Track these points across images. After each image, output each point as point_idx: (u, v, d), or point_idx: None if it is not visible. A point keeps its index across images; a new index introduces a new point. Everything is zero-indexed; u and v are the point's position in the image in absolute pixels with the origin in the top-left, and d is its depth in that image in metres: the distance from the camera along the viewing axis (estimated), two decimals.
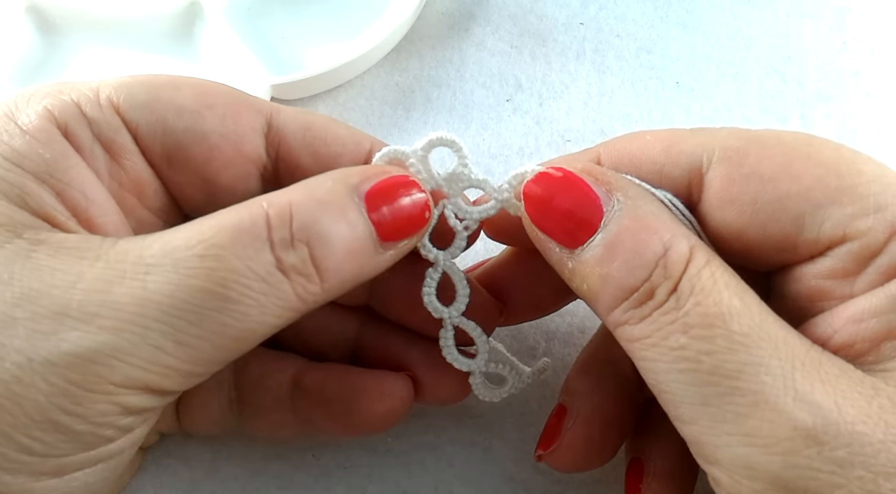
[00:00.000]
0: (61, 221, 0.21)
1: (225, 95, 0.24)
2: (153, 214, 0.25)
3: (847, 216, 0.21)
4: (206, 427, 0.28)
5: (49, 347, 0.19)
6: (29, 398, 0.19)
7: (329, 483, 0.29)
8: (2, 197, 0.21)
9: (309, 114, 0.25)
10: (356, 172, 0.23)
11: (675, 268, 0.21)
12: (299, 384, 0.27)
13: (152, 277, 0.20)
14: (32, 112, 0.22)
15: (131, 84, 0.24)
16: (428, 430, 0.30)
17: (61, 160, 0.22)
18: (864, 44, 0.38)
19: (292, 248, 0.21)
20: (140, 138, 0.24)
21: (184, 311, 0.20)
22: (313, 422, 0.27)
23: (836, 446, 0.18)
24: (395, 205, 0.23)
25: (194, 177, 0.24)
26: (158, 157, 0.24)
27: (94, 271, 0.20)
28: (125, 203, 0.24)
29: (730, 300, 0.20)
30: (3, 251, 0.20)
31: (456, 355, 0.26)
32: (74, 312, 0.20)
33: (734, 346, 0.19)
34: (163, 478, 0.29)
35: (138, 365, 0.20)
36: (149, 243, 0.21)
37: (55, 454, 0.20)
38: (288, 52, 0.37)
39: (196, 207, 0.25)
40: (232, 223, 0.21)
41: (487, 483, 0.29)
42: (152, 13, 0.37)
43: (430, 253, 0.25)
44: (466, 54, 0.37)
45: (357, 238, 0.22)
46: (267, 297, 0.21)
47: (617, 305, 0.21)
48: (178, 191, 0.25)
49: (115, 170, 0.23)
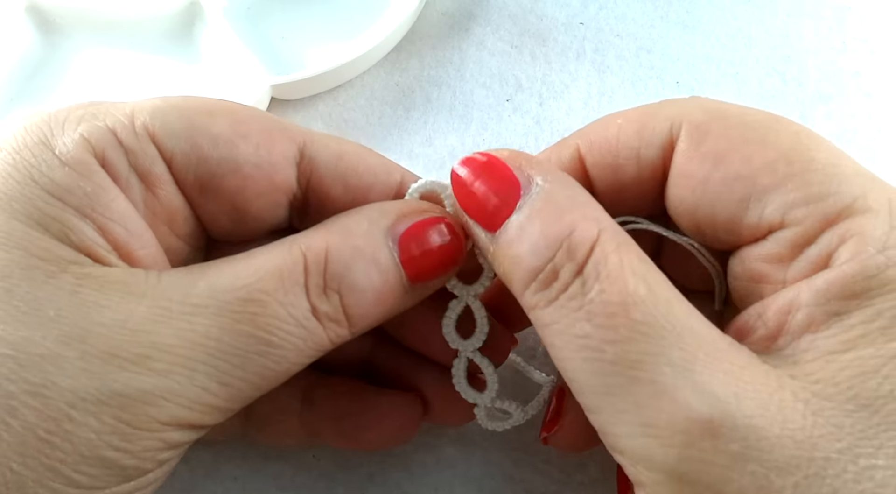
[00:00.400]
0: (102, 255, 0.21)
1: (259, 122, 0.24)
2: (182, 240, 0.25)
3: (787, 203, 0.21)
4: (212, 435, 0.28)
5: (101, 387, 0.19)
6: (80, 435, 0.19)
7: (329, 484, 0.29)
8: (44, 232, 0.21)
9: (341, 142, 0.25)
10: (392, 211, 0.23)
11: (579, 250, 0.20)
12: (309, 398, 0.27)
13: (198, 318, 0.21)
14: (70, 141, 0.22)
15: (166, 110, 0.23)
16: (428, 430, 0.30)
17: (102, 194, 0.22)
18: (864, 44, 0.37)
19: (325, 296, 0.22)
20: (174, 167, 0.23)
21: (229, 354, 0.21)
22: (320, 435, 0.27)
23: (731, 439, 0.18)
24: (428, 247, 0.23)
25: (225, 205, 0.24)
26: (191, 185, 0.24)
27: (141, 310, 0.20)
28: (157, 231, 0.24)
29: (635, 288, 0.20)
30: (47, 287, 0.20)
31: (465, 386, 0.26)
32: (124, 352, 0.20)
33: (636, 335, 0.19)
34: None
35: (185, 405, 0.20)
36: (194, 282, 0.21)
37: (98, 486, 0.20)
38: (288, 52, 0.37)
39: (223, 232, 0.25)
40: (275, 267, 0.22)
41: (488, 484, 0.29)
42: (152, 13, 0.37)
43: (455, 288, 0.25)
44: (466, 54, 0.37)
45: (387, 285, 0.23)
46: (304, 342, 0.22)
47: (525, 287, 0.21)
48: (207, 218, 0.25)
49: (149, 199, 0.23)
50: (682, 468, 0.18)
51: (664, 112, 0.23)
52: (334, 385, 0.27)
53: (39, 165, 0.21)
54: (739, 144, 0.22)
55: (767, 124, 0.22)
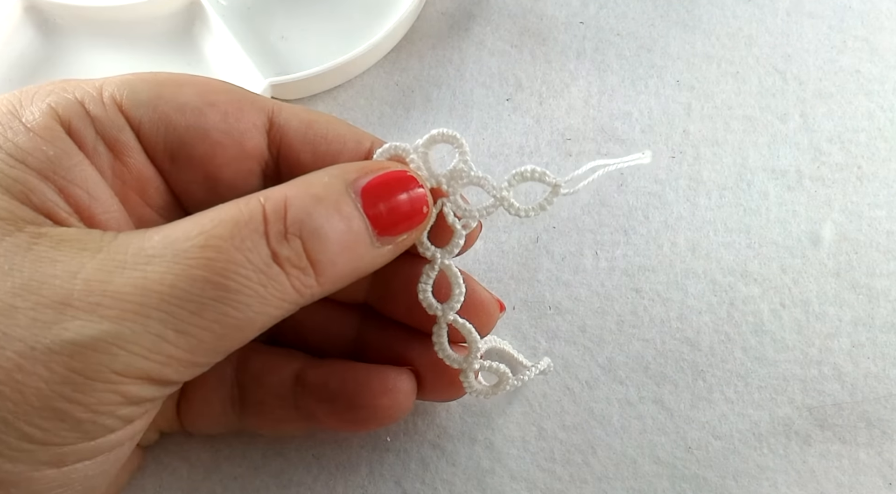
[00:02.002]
0: (63, 217, 0.22)
1: (227, 93, 0.25)
2: (155, 211, 0.25)
3: None
4: (208, 426, 0.28)
5: (51, 336, 0.19)
6: (30, 385, 0.19)
7: (329, 482, 0.29)
8: (4, 193, 0.21)
9: (310, 112, 0.26)
10: (354, 168, 0.24)
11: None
12: (302, 381, 0.27)
13: (153, 267, 0.20)
14: (37, 109, 0.22)
15: (134, 82, 0.24)
16: (429, 428, 0.30)
17: (65, 158, 0.22)
18: (865, 43, 0.37)
19: (286, 241, 0.21)
20: (143, 136, 0.24)
21: (184, 300, 0.20)
22: (316, 418, 0.27)
23: None
24: (393, 200, 0.23)
25: (197, 174, 0.24)
26: (161, 154, 0.24)
27: (94, 262, 0.20)
28: (128, 201, 0.24)
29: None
30: (3, 243, 0.20)
31: (448, 351, 0.26)
32: (76, 301, 0.20)
33: None
34: (163, 477, 0.29)
35: (140, 354, 0.20)
36: (149, 236, 0.21)
37: (55, 442, 0.20)
38: (288, 52, 0.37)
39: (198, 203, 0.25)
40: (231, 216, 0.21)
41: (488, 482, 0.29)
42: (152, 13, 0.37)
43: (427, 251, 0.25)
44: (466, 54, 0.37)
45: (352, 232, 0.22)
46: (265, 288, 0.21)
47: None
48: (180, 188, 0.25)
49: (118, 168, 0.24)
50: None
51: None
52: (326, 367, 0.27)
53: (5, 132, 0.22)
54: None
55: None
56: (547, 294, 0.32)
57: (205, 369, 0.22)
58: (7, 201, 0.21)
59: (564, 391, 0.30)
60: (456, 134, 0.25)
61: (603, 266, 0.32)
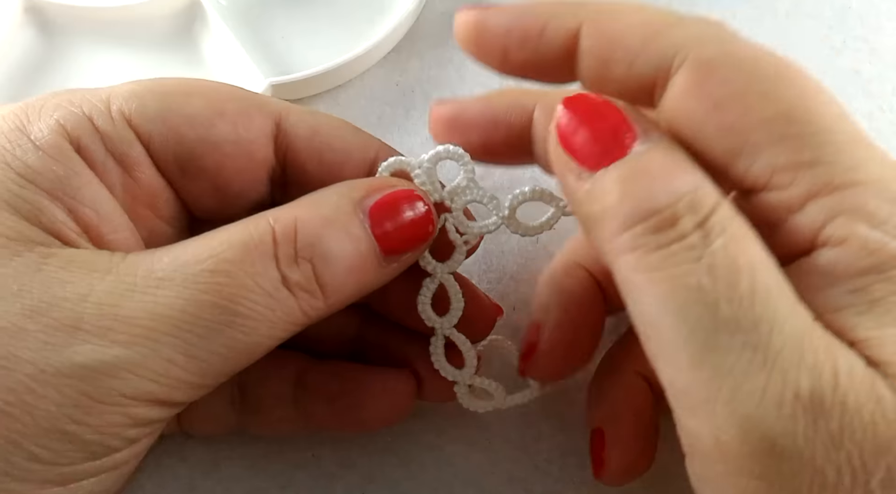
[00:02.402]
0: (72, 238, 0.22)
1: (235, 100, 0.24)
2: (165, 222, 0.25)
3: (776, 165, 0.20)
4: (208, 426, 0.28)
5: (61, 359, 0.19)
6: (40, 408, 0.19)
7: (329, 483, 0.29)
8: (14, 213, 0.21)
9: (317, 115, 0.26)
10: (361, 186, 0.24)
11: (703, 205, 0.19)
12: (302, 382, 0.27)
13: (163, 291, 0.20)
14: (45, 126, 0.22)
15: (142, 94, 0.24)
16: (428, 429, 0.30)
17: (74, 177, 0.22)
18: (865, 43, 0.38)
19: (296, 265, 0.22)
20: (153, 150, 0.24)
21: (194, 325, 0.20)
22: (316, 419, 0.27)
23: (831, 417, 0.18)
24: (399, 219, 0.23)
25: (206, 185, 0.24)
26: (171, 167, 0.24)
27: (104, 285, 0.20)
28: (138, 215, 0.24)
29: (760, 254, 0.19)
30: (13, 264, 0.20)
31: (444, 363, 0.27)
32: (86, 325, 0.20)
33: (756, 299, 0.18)
34: (162, 478, 0.29)
35: (149, 378, 0.20)
36: (159, 257, 0.21)
37: (62, 462, 0.20)
38: (288, 52, 0.37)
39: (207, 212, 0.25)
40: (240, 239, 0.21)
41: (487, 483, 0.29)
42: (152, 13, 0.37)
43: (428, 265, 0.26)
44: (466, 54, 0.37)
45: (360, 254, 0.22)
46: (274, 312, 0.21)
47: (631, 225, 0.19)
48: (189, 198, 0.25)
49: (128, 183, 0.24)
50: (783, 442, 0.18)
51: (675, 33, 0.21)
52: (326, 367, 0.27)
53: (14, 150, 0.21)
54: (741, 91, 0.20)
55: (776, 75, 0.21)
56: None
57: (210, 390, 0.22)
58: (16, 222, 0.21)
59: (562, 394, 0.30)
60: (461, 150, 0.25)
61: None
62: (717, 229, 0.19)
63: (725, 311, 0.18)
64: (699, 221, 0.19)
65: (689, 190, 0.19)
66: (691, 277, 0.18)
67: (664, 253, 0.19)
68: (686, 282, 0.18)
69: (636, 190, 0.20)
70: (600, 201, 0.20)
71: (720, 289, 0.18)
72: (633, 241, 0.19)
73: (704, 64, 0.21)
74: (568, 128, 0.21)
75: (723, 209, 0.19)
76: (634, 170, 0.20)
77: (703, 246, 0.19)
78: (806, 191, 0.20)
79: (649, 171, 0.20)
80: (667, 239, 0.19)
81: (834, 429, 0.18)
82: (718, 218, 0.19)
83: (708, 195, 0.19)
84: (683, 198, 0.19)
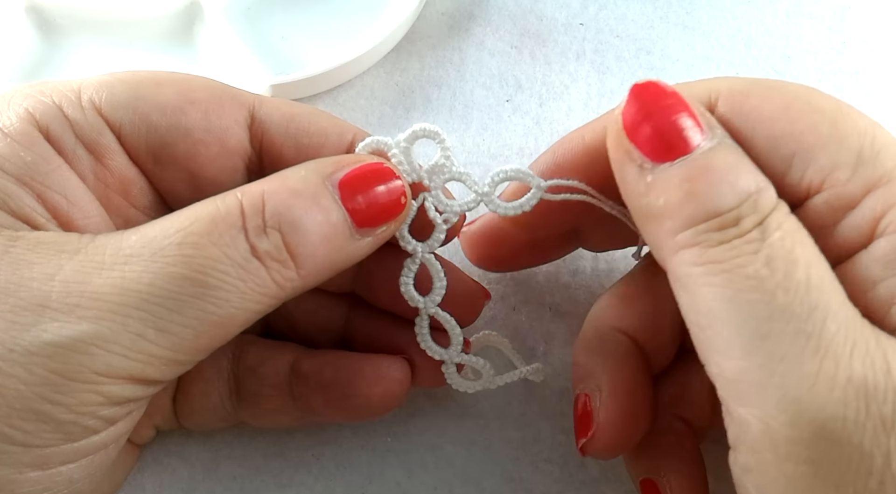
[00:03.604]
0: (41, 223, 0.22)
1: (207, 89, 0.24)
2: (140, 212, 0.25)
3: (830, 164, 0.21)
4: (204, 420, 0.28)
5: (29, 338, 0.19)
6: (10, 387, 0.19)
7: (329, 483, 0.29)
8: None
9: (292, 105, 0.26)
10: (331, 161, 0.24)
11: (765, 206, 0.20)
12: (297, 371, 0.27)
13: (131, 267, 0.20)
14: (14, 114, 0.22)
15: (112, 83, 0.24)
16: (428, 430, 0.30)
17: (42, 164, 0.22)
18: (864, 44, 0.38)
19: (265, 234, 0.22)
20: (124, 138, 0.24)
21: (163, 298, 0.20)
22: (312, 408, 0.27)
23: (883, 402, 0.18)
24: (370, 192, 0.23)
25: (180, 173, 0.24)
26: (143, 155, 0.24)
27: (72, 264, 0.20)
28: (111, 203, 0.24)
29: (812, 249, 0.20)
30: None
31: (430, 343, 0.27)
32: (54, 303, 0.20)
33: (811, 288, 0.19)
34: (162, 477, 0.29)
35: (120, 353, 0.20)
36: (127, 236, 0.21)
37: (37, 444, 0.20)
38: (288, 52, 0.37)
39: (183, 202, 0.25)
40: (207, 213, 0.21)
41: (487, 483, 0.29)
42: (152, 13, 0.37)
43: (408, 244, 0.26)
44: (466, 54, 0.37)
45: (331, 224, 0.22)
46: (245, 283, 0.21)
47: (695, 223, 0.20)
48: (164, 187, 0.25)
49: (99, 171, 0.24)
50: (833, 425, 0.18)
51: (701, 84, 0.23)
52: (320, 356, 0.27)
53: None
54: (782, 105, 0.22)
55: (808, 92, 0.22)
56: (546, 296, 0.32)
57: (187, 367, 0.22)
58: None
59: (562, 394, 0.30)
60: (437, 129, 0.25)
61: (602, 268, 0.32)
62: (775, 225, 0.20)
63: (781, 299, 0.19)
64: (759, 220, 0.20)
65: (753, 191, 0.20)
66: (750, 267, 0.19)
67: (725, 247, 0.20)
68: (745, 272, 0.19)
69: (701, 189, 0.20)
70: (663, 196, 0.21)
71: (777, 278, 0.19)
72: (695, 237, 0.20)
73: (738, 91, 0.22)
74: (635, 117, 0.22)
75: (782, 208, 0.20)
76: (700, 168, 0.21)
77: (762, 240, 0.20)
78: (863, 184, 0.21)
79: (714, 170, 0.21)
80: (729, 235, 0.20)
81: (887, 414, 0.18)
82: (776, 216, 0.20)
83: (769, 196, 0.20)
84: (748, 199, 0.20)
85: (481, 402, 0.30)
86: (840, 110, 0.22)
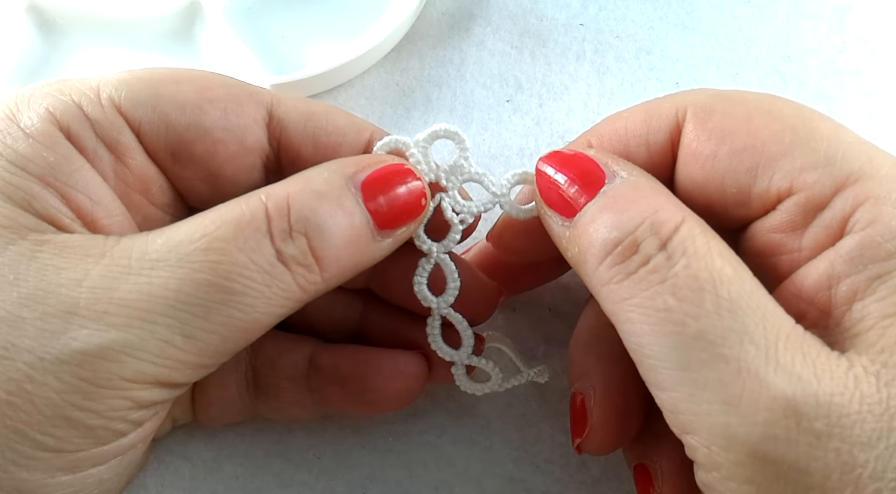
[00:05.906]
0: (66, 223, 0.22)
1: (225, 87, 0.25)
2: (159, 209, 0.25)
3: (796, 169, 0.21)
4: (221, 412, 0.28)
5: (59, 345, 0.20)
6: (41, 396, 0.19)
7: (330, 482, 0.29)
8: (7, 200, 0.21)
9: (310, 103, 0.26)
10: (353, 162, 0.24)
11: (663, 227, 0.20)
12: (315, 364, 0.27)
13: (157, 272, 0.20)
14: (34, 114, 0.22)
15: (131, 82, 0.24)
16: (429, 430, 0.30)
17: (65, 163, 0.22)
18: (865, 44, 0.38)
19: (291, 239, 0.22)
20: (143, 136, 0.24)
21: (190, 305, 0.20)
22: (329, 401, 0.27)
23: (814, 417, 0.18)
24: (392, 193, 0.23)
25: (199, 171, 0.24)
26: (162, 153, 0.24)
27: (99, 269, 0.21)
28: (131, 201, 0.24)
29: (722, 267, 0.20)
30: (7, 253, 0.21)
31: (440, 343, 0.27)
32: (82, 310, 0.20)
33: (721, 312, 0.19)
34: (164, 476, 0.29)
35: (148, 360, 0.20)
36: (152, 239, 0.21)
37: (68, 449, 0.20)
38: (288, 52, 0.37)
39: (202, 199, 0.25)
40: (233, 217, 0.21)
41: (488, 483, 0.29)
42: (152, 13, 0.37)
43: (424, 244, 0.26)
44: (466, 54, 0.37)
45: (354, 227, 0.23)
46: (270, 288, 0.21)
47: (600, 261, 0.21)
48: (183, 185, 0.25)
49: (120, 169, 0.24)
50: (765, 446, 0.18)
51: (668, 101, 0.24)
52: (338, 350, 0.27)
53: (4, 139, 0.22)
54: (744, 118, 0.22)
55: (769, 101, 0.23)
56: (546, 297, 0.32)
57: (212, 369, 0.22)
58: (9, 209, 0.21)
59: (562, 394, 0.30)
60: (457, 130, 0.25)
61: None
62: (680, 249, 0.20)
63: (693, 328, 0.19)
64: (661, 242, 0.20)
65: (648, 214, 0.21)
66: (658, 299, 0.20)
67: (633, 280, 0.20)
68: (654, 305, 0.20)
69: (599, 225, 0.21)
70: (578, 243, 0.22)
71: (685, 308, 0.19)
72: (607, 273, 0.21)
73: (702, 107, 0.23)
74: (545, 184, 0.23)
75: (686, 227, 0.21)
76: (601, 208, 0.22)
77: (667, 267, 0.20)
78: (832, 185, 0.21)
79: (613, 205, 0.21)
80: (634, 265, 0.20)
81: (819, 428, 0.18)
82: (681, 237, 0.20)
83: (669, 215, 0.21)
84: (643, 223, 0.21)
85: (482, 402, 0.30)
86: (801, 116, 0.22)
